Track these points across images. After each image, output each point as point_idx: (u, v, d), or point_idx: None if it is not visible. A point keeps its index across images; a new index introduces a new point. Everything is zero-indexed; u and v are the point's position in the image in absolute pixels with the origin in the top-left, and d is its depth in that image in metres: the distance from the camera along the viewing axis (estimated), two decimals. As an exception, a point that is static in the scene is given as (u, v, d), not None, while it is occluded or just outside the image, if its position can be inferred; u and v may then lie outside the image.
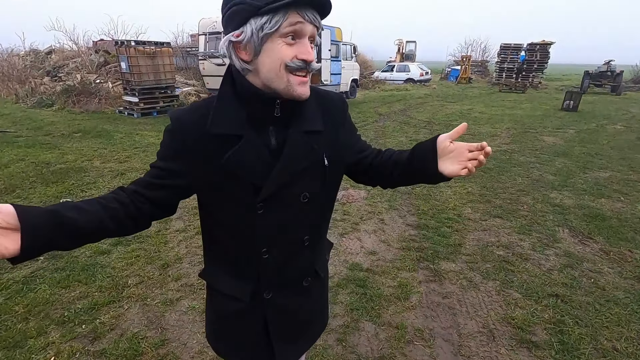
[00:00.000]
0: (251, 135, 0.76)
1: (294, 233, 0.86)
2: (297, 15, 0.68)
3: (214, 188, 0.79)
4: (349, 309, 2.21)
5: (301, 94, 0.74)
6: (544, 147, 6.29)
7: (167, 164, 0.78)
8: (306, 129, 0.80)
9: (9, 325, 1.99)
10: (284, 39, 0.69)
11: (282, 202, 0.80)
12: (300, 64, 0.71)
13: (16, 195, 3.83)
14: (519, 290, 2.39)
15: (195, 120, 0.76)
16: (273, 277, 0.88)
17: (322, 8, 0.71)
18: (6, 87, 12.03)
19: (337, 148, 0.87)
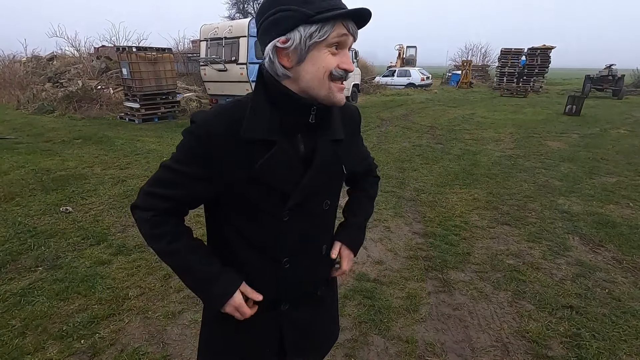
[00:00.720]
0: (284, 142, 0.76)
1: (315, 241, 0.88)
2: (342, 27, 0.70)
3: (240, 195, 0.77)
4: (357, 322, 2.13)
5: (340, 100, 0.77)
6: (549, 152, 6.23)
7: (189, 169, 0.75)
8: (334, 137, 0.82)
9: (5, 340, 1.92)
10: (329, 48, 0.72)
11: (307, 210, 0.81)
12: (343, 73, 0.73)
13: (15, 202, 3.78)
14: (532, 302, 2.32)
15: (226, 124, 0.73)
16: (292, 288, 0.87)
17: (363, 22, 0.74)
18: (8, 93, 12.04)
19: (351, 157, 0.90)
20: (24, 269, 2.61)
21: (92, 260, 2.71)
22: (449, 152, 6.25)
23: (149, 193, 0.79)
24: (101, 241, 3.01)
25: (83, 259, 2.75)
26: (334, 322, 1.08)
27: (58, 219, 3.43)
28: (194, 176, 0.75)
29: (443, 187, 4.45)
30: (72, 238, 3.06)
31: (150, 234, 0.79)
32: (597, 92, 17.16)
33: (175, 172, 0.77)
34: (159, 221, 0.79)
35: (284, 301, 0.87)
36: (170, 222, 0.80)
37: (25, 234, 3.12)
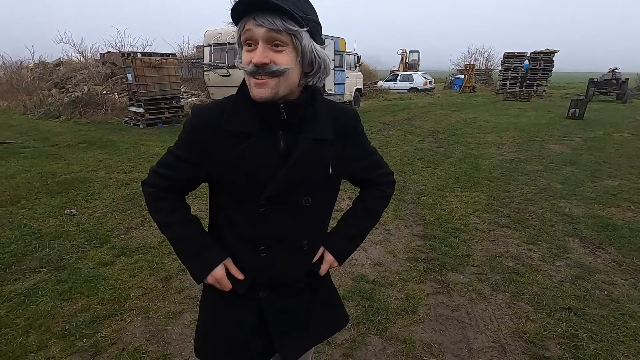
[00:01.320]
0: (261, 135, 0.80)
1: (293, 236, 0.90)
2: (250, 21, 0.72)
3: (224, 181, 0.85)
4: (355, 322, 2.15)
5: (255, 95, 0.77)
6: (551, 156, 6.22)
7: (185, 154, 0.85)
8: (316, 137, 0.83)
9: (9, 339, 1.96)
10: (245, 46, 0.76)
11: (285, 204, 0.84)
12: (252, 68, 0.74)
13: (21, 205, 3.84)
14: (530, 303, 2.32)
15: (214, 116, 0.82)
16: (269, 278, 0.91)
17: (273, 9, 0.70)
18: (15, 98, 12.22)
19: (343, 158, 0.90)
20: (29, 269, 2.66)
21: (96, 262, 2.76)
22: (451, 155, 6.26)
23: (154, 172, 0.91)
24: (104, 243, 3.06)
25: (86, 260, 2.79)
26: (332, 310, 1.09)
27: (62, 222, 3.48)
28: (188, 160, 0.85)
29: (444, 190, 4.47)
30: (76, 240, 3.11)
31: (153, 206, 0.91)
32: (600, 95, 17.11)
33: (175, 156, 0.88)
34: (160, 196, 0.90)
35: (261, 288, 0.92)
36: (170, 198, 0.91)
37: (30, 236, 3.17)
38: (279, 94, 0.77)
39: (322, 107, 0.86)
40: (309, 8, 0.77)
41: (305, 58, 0.77)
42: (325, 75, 0.84)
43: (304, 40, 0.75)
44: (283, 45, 0.73)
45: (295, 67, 0.77)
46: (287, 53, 0.74)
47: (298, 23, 0.72)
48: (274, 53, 0.73)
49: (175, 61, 9.61)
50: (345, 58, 11.81)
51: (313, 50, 0.78)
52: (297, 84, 0.80)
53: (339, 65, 11.38)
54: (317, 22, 0.79)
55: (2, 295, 2.34)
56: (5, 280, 2.51)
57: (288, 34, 0.72)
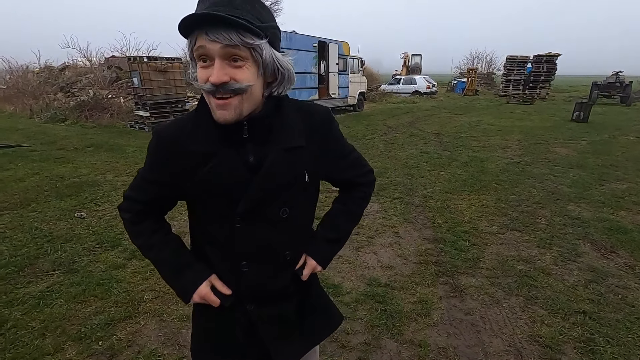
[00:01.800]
0: (226, 153, 0.76)
1: (274, 248, 0.86)
2: (202, 37, 0.66)
3: (196, 201, 0.83)
4: (369, 325, 2.15)
5: (219, 118, 0.71)
6: (557, 159, 6.21)
7: (152, 175, 0.84)
8: (286, 146, 0.79)
9: (26, 341, 1.97)
10: (199, 62, 0.70)
11: (261, 217, 0.81)
12: (211, 87, 0.68)
13: (31, 208, 3.86)
14: (544, 307, 2.32)
15: (176, 136, 0.78)
16: (253, 291, 0.88)
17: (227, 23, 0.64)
18: (21, 102, 12.31)
19: (318, 162, 0.86)
20: (42, 272, 2.67)
21: (107, 265, 2.77)
22: (456, 158, 6.26)
23: (127, 197, 0.90)
24: (115, 246, 3.07)
25: (98, 263, 2.80)
26: (323, 312, 1.06)
27: (73, 225, 3.50)
28: (157, 181, 0.84)
29: (451, 194, 4.47)
30: (87, 243, 3.13)
31: (131, 230, 0.91)
32: (604, 98, 17.08)
33: (143, 179, 0.86)
34: (136, 220, 0.89)
35: (248, 302, 0.89)
36: (147, 220, 0.90)
37: (41, 238, 3.19)
38: (243, 113, 0.72)
39: (289, 113, 0.82)
40: (265, 13, 0.71)
41: (267, 70, 0.73)
42: (290, 84, 0.79)
43: (265, 51, 0.70)
44: (242, 59, 0.68)
45: (258, 81, 0.72)
46: (248, 68, 0.69)
47: (256, 35, 0.67)
48: (233, 69, 0.68)
49: (181, 65, 9.68)
50: (349, 62, 11.86)
51: (275, 60, 0.73)
52: (261, 97, 0.76)
53: (343, 69, 11.43)
54: (275, 28, 0.74)
55: (17, 297, 2.35)
56: (19, 283, 2.52)
57: (246, 48, 0.67)
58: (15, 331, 2.05)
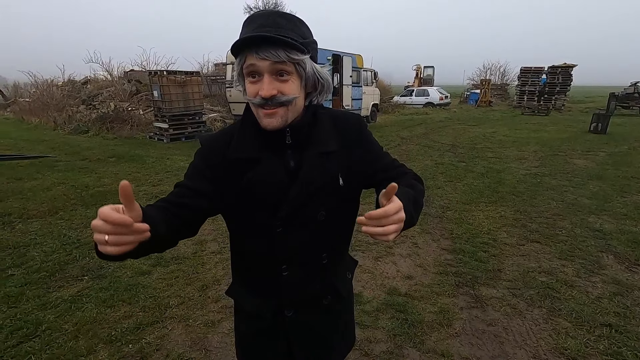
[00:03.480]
0: (269, 159, 0.81)
1: (312, 251, 0.89)
2: (252, 56, 0.72)
3: (236, 209, 0.85)
4: (391, 334, 2.16)
5: (266, 125, 0.77)
6: (576, 170, 6.12)
7: (194, 183, 0.83)
8: (321, 151, 0.83)
9: (61, 343, 2.05)
10: (248, 78, 0.76)
11: (300, 221, 0.84)
12: (259, 100, 0.74)
13: (59, 216, 4.02)
14: (568, 319, 2.29)
15: (221, 145, 0.84)
16: (293, 295, 0.91)
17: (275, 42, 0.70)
18: (46, 115, 12.82)
19: (352, 167, 0.88)
20: (72, 277, 2.78)
21: (134, 271, 2.86)
22: (472, 170, 6.24)
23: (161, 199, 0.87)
24: (140, 253, 3.16)
25: (125, 269, 2.90)
26: (347, 330, 1.08)
27: (99, 232, 3.61)
28: (197, 191, 0.82)
29: (468, 205, 4.45)
30: (113, 250, 3.23)
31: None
32: (622, 110, 16.75)
33: (185, 187, 0.83)
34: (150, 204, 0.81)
35: (287, 308, 0.91)
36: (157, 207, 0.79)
37: (70, 245, 3.31)
38: (288, 121, 0.78)
39: (324, 121, 0.87)
40: (305, 30, 0.77)
41: (309, 81, 0.79)
42: (328, 94, 0.85)
43: (307, 65, 0.76)
44: (288, 74, 0.74)
45: (301, 92, 0.78)
46: (293, 81, 0.75)
47: (301, 51, 0.73)
48: (280, 83, 0.74)
49: (199, 79, 9.97)
50: (362, 74, 12.01)
51: (316, 72, 0.79)
52: (303, 106, 0.82)
53: (356, 81, 11.57)
54: (315, 42, 0.79)
55: (50, 301, 2.45)
56: (51, 287, 2.63)
57: (292, 63, 0.73)
58: (50, 333, 2.13)
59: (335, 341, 1.02)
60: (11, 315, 2.29)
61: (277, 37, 0.70)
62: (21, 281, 2.69)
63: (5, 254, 3.12)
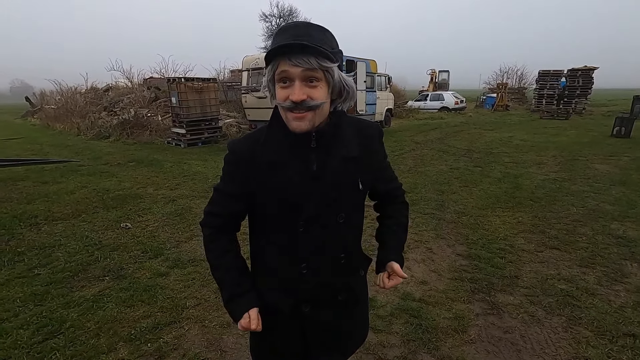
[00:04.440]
0: (294, 162, 0.86)
1: (331, 251, 0.94)
2: (285, 62, 0.77)
3: (264, 208, 0.91)
4: (405, 339, 2.15)
5: (295, 128, 0.82)
6: (597, 176, 5.95)
7: (230, 188, 0.93)
8: (344, 155, 0.89)
9: (83, 340, 2.13)
10: (279, 83, 0.81)
11: (321, 222, 0.89)
12: (290, 104, 0.79)
13: (82, 219, 4.16)
14: (590, 328, 2.23)
15: (249, 149, 0.89)
16: (311, 292, 0.95)
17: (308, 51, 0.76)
18: (70, 121, 13.32)
19: (369, 172, 0.95)
20: (93, 277, 2.87)
21: (152, 272, 2.93)
22: (489, 175, 6.14)
23: (207, 212, 0.99)
24: (158, 255, 3.25)
25: (144, 270, 2.98)
26: (361, 325, 1.13)
27: (119, 234, 3.73)
28: (232, 194, 0.92)
29: (484, 210, 4.39)
30: (133, 251, 3.33)
31: (207, 247, 0.99)
32: (647, 113, 16.16)
33: (220, 192, 0.95)
34: (214, 238, 0.98)
35: (304, 304, 0.96)
36: (222, 239, 0.98)
37: (92, 246, 3.43)
38: (315, 124, 0.84)
39: (347, 127, 0.92)
40: (334, 41, 0.83)
41: (335, 88, 0.84)
42: (352, 101, 0.90)
43: (335, 73, 0.82)
44: (317, 80, 0.79)
45: (328, 98, 0.84)
46: (322, 88, 0.80)
47: (330, 60, 0.79)
48: (309, 89, 0.79)
49: (216, 85, 10.19)
50: (376, 79, 12.02)
51: (342, 80, 0.84)
52: (328, 111, 0.87)
53: (370, 86, 11.57)
54: (340, 52, 0.86)
55: (73, 300, 2.55)
56: (74, 287, 2.73)
57: (321, 71, 0.79)
58: (73, 331, 2.21)
59: (348, 334, 1.07)
60: (37, 313, 2.39)
61: (311, 46, 0.76)
62: (46, 280, 2.80)
63: (32, 254, 3.26)
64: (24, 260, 3.15)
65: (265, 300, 0.99)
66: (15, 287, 2.73)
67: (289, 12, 32.01)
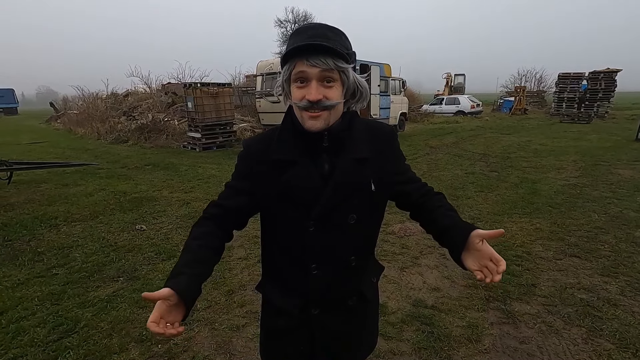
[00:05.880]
0: (305, 162, 0.87)
1: (341, 253, 0.92)
2: (302, 63, 0.79)
3: (273, 207, 0.91)
4: (417, 347, 2.10)
5: (310, 127, 0.83)
6: (621, 181, 5.73)
7: (239, 184, 0.93)
8: (355, 157, 0.88)
9: (96, 340, 2.17)
10: (295, 83, 0.82)
11: (332, 223, 0.88)
12: (306, 103, 0.80)
13: (99, 220, 4.27)
14: (612, 340, 2.13)
15: (262, 147, 0.91)
16: (321, 294, 0.94)
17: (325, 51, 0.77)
18: (90, 125, 13.73)
19: (383, 175, 0.93)
20: (108, 278, 2.93)
21: (165, 274, 2.97)
22: (505, 180, 6.00)
23: (211, 202, 0.97)
24: (172, 257, 3.29)
25: (157, 272, 3.02)
26: (370, 333, 1.11)
27: (134, 236, 3.81)
28: (242, 189, 0.92)
29: (501, 216, 4.28)
30: (147, 253, 3.38)
31: (191, 229, 0.93)
32: (675, 116, 15.54)
33: (231, 187, 0.95)
34: (201, 223, 0.93)
35: (314, 306, 0.94)
36: (207, 225, 0.91)
37: (108, 248, 3.51)
38: (329, 124, 0.84)
39: (359, 128, 0.91)
40: (348, 43, 0.84)
41: (349, 90, 0.85)
42: (365, 101, 0.90)
43: (350, 74, 0.83)
44: (333, 81, 0.81)
45: (342, 99, 0.85)
46: (337, 88, 0.82)
47: (346, 61, 0.80)
48: (325, 89, 0.80)
49: (231, 90, 10.34)
50: (390, 83, 11.96)
51: (356, 81, 0.85)
52: (341, 112, 0.88)
53: (384, 90, 11.53)
54: (354, 53, 0.86)
55: (88, 300, 2.60)
56: (90, 287, 2.79)
57: (337, 71, 0.80)
58: (87, 330, 2.26)
59: (357, 341, 1.04)
60: (54, 312, 2.45)
61: (328, 47, 0.77)
62: (64, 280, 2.88)
63: (51, 254, 3.35)
64: (43, 260, 3.24)
65: (275, 301, 0.98)
66: (34, 286, 2.81)
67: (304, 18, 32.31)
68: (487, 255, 0.84)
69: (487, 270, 0.84)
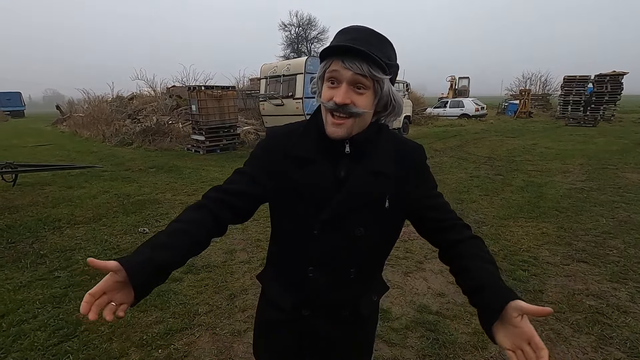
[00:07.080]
0: (323, 163, 0.85)
1: (341, 262, 0.89)
2: (337, 63, 0.77)
3: (283, 202, 0.89)
4: (421, 354, 2.06)
5: (331, 133, 0.81)
6: (629, 185, 5.64)
7: (252, 170, 0.89)
8: (374, 169, 0.85)
9: (96, 344, 2.14)
10: (327, 82, 0.80)
11: (337, 231, 0.86)
12: (332, 105, 0.78)
13: (102, 223, 4.26)
14: (622, 349, 2.07)
15: (283, 140, 0.89)
16: (313, 297, 0.92)
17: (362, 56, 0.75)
18: (95, 128, 13.82)
19: (403, 195, 0.87)
20: (110, 281, 2.91)
21: (166, 277, 2.95)
22: (510, 183, 5.94)
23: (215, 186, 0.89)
24: (173, 260, 3.27)
25: (158, 275, 3.00)
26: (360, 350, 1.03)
27: (137, 239, 3.79)
28: (252, 176, 0.88)
29: (506, 220, 4.22)
30: (149, 256, 3.36)
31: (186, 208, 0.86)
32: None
33: (241, 173, 0.90)
34: (194, 207, 0.85)
35: (305, 307, 0.93)
36: (201, 212, 0.83)
37: (110, 250, 3.50)
38: (352, 133, 0.81)
39: (386, 142, 0.88)
40: (392, 53, 0.81)
41: (381, 101, 0.82)
42: (397, 117, 0.87)
43: (385, 85, 0.79)
44: (365, 88, 0.78)
45: (372, 109, 0.82)
46: (368, 96, 0.79)
47: (383, 70, 0.77)
48: (355, 95, 0.77)
49: (234, 93, 10.36)
50: (394, 86, 11.96)
51: (390, 94, 0.82)
52: (369, 122, 0.84)
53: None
54: (397, 67, 0.83)
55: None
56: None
57: (371, 79, 0.77)
58: (88, 334, 2.24)
59: (345, 355, 1.00)
60: (55, 315, 2.43)
61: (365, 52, 0.74)
62: (66, 283, 2.86)
63: (54, 257, 3.35)
64: (45, 263, 3.23)
65: (270, 294, 0.98)
66: (36, 288, 2.80)
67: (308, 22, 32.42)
68: (526, 337, 0.68)
69: (522, 354, 0.68)
